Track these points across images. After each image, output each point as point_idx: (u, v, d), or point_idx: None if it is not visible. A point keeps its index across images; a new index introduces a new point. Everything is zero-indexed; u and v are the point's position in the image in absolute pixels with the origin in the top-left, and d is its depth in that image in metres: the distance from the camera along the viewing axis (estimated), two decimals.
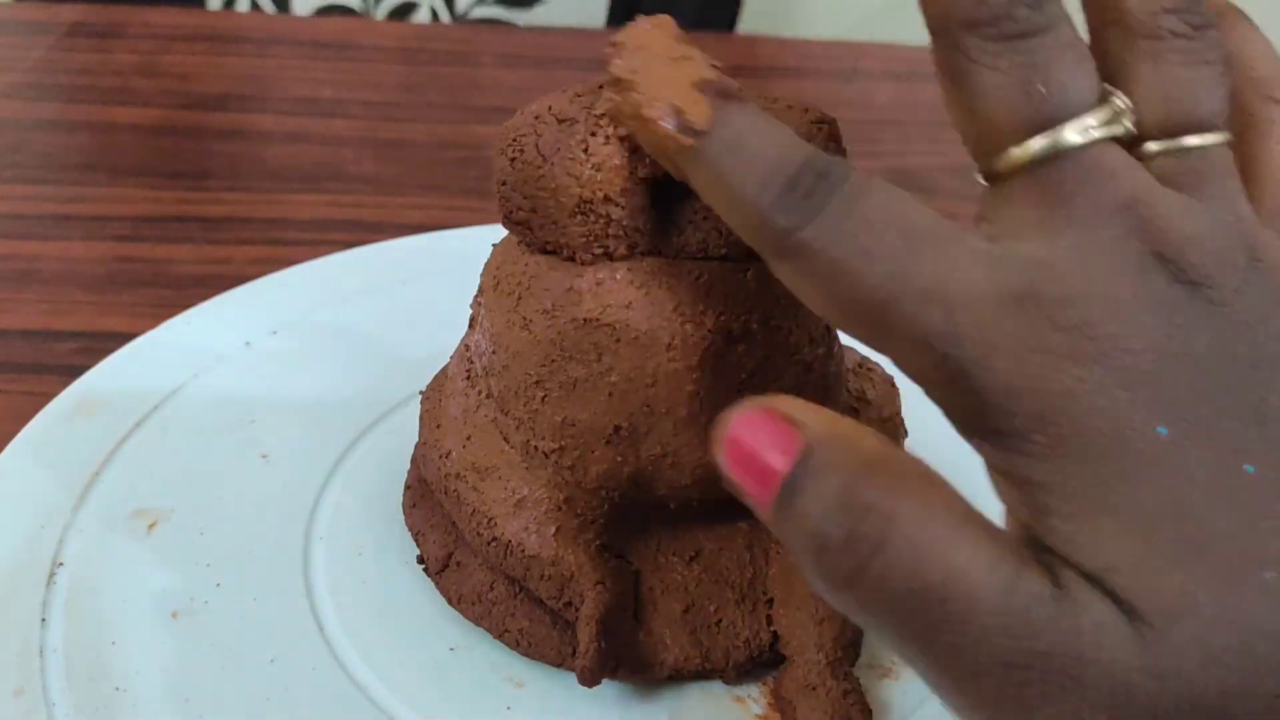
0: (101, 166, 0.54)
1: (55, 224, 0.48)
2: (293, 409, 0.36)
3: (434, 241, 0.45)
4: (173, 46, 0.66)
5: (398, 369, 0.37)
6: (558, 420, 0.27)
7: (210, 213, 0.50)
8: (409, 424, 0.32)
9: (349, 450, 0.34)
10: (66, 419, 0.34)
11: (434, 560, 0.30)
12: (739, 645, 0.28)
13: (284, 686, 0.27)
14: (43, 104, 0.59)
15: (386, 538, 0.31)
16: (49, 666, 0.27)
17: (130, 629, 0.28)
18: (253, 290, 0.41)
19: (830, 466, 0.19)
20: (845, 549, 0.18)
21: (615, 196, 0.25)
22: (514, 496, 0.28)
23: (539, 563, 0.27)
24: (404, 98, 0.63)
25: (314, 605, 0.29)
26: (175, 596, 0.29)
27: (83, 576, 0.29)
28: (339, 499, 0.33)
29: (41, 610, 0.28)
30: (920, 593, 0.18)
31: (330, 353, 0.38)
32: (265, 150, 0.57)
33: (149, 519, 0.31)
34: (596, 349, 0.26)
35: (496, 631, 0.29)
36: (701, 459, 0.27)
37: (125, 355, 0.37)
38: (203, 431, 0.34)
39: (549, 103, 0.26)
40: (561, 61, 0.69)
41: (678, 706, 0.28)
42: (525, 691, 0.28)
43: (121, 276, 0.45)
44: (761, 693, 0.28)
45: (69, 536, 0.30)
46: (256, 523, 0.31)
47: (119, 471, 0.32)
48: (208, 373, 0.36)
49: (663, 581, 0.29)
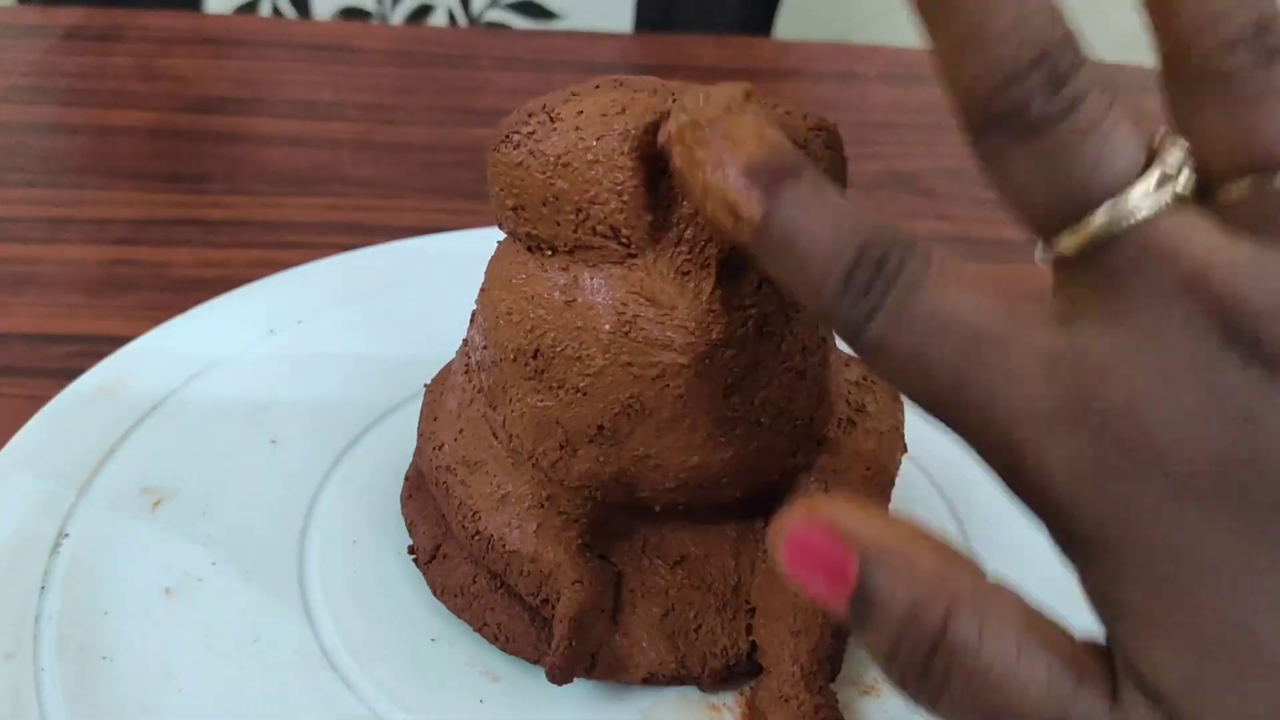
0: (99, 170, 0.54)
1: (53, 227, 0.48)
2: (297, 404, 0.36)
3: (432, 244, 0.45)
4: (170, 50, 0.66)
5: (398, 370, 0.37)
6: (541, 418, 0.27)
7: (208, 216, 0.50)
8: (412, 421, 0.32)
9: (353, 444, 0.35)
10: (88, 398, 0.35)
11: (423, 551, 0.30)
12: (716, 653, 0.28)
13: (265, 667, 0.28)
14: (40, 107, 0.59)
15: (382, 527, 0.32)
16: (43, 633, 0.28)
17: (123, 601, 0.29)
18: (250, 292, 0.41)
19: (889, 594, 0.19)
20: (916, 678, 0.19)
21: (605, 197, 0.25)
22: (499, 491, 0.28)
23: (519, 558, 0.27)
24: (402, 100, 0.63)
25: (304, 589, 0.30)
26: (171, 573, 0.30)
27: (85, 548, 0.30)
28: (342, 488, 0.33)
29: (42, 578, 0.29)
30: (987, 714, 0.18)
31: (330, 353, 0.38)
32: (263, 153, 0.57)
33: (155, 497, 0.32)
34: (581, 348, 0.26)
35: (476, 624, 0.29)
36: (686, 463, 0.27)
37: (139, 347, 0.38)
38: (215, 417, 0.35)
39: (544, 100, 0.26)
40: (560, 64, 0.69)
41: (651, 710, 0.28)
42: (500, 686, 0.28)
43: (119, 280, 0.45)
44: (737, 701, 0.28)
45: (77, 509, 0.31)
46: (258, 506, 0.32)
47: (132, 450, 0.33)
48: (210, 371, 0.37)
49: (644, 584, 0.29)
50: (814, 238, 0.20)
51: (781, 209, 0.20)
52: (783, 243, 0.20)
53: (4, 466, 0.32)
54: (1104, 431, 0.18)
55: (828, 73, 0.72)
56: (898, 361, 0.19)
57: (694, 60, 0.70)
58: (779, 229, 0.20)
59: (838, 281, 0.19)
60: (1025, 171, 0.18)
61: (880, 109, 0.67)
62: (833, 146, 0.26)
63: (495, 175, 0.26)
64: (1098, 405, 0.18)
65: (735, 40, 0.75)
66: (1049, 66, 0.18)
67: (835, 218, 0.20)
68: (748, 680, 0.28)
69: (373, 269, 0.43)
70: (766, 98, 0.27)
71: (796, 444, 0.28)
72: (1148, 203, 0.18)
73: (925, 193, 0.57)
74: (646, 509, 0.28)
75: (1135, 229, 0.18)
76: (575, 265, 0.26)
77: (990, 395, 0.18)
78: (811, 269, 0.20)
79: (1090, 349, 0.18)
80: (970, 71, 0.18)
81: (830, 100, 0.68)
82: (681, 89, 0.26)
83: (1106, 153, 0.18)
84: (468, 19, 0.77)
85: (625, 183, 0.25)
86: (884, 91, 0.69)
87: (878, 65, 0.72)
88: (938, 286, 0.19)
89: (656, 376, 0.25)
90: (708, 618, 0.28)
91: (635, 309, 0.25)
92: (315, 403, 0.36)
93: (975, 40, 0.18)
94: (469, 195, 0.54)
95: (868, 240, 0.19)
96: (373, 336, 0.39)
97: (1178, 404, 0.17)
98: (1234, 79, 0.18)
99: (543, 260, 0.26)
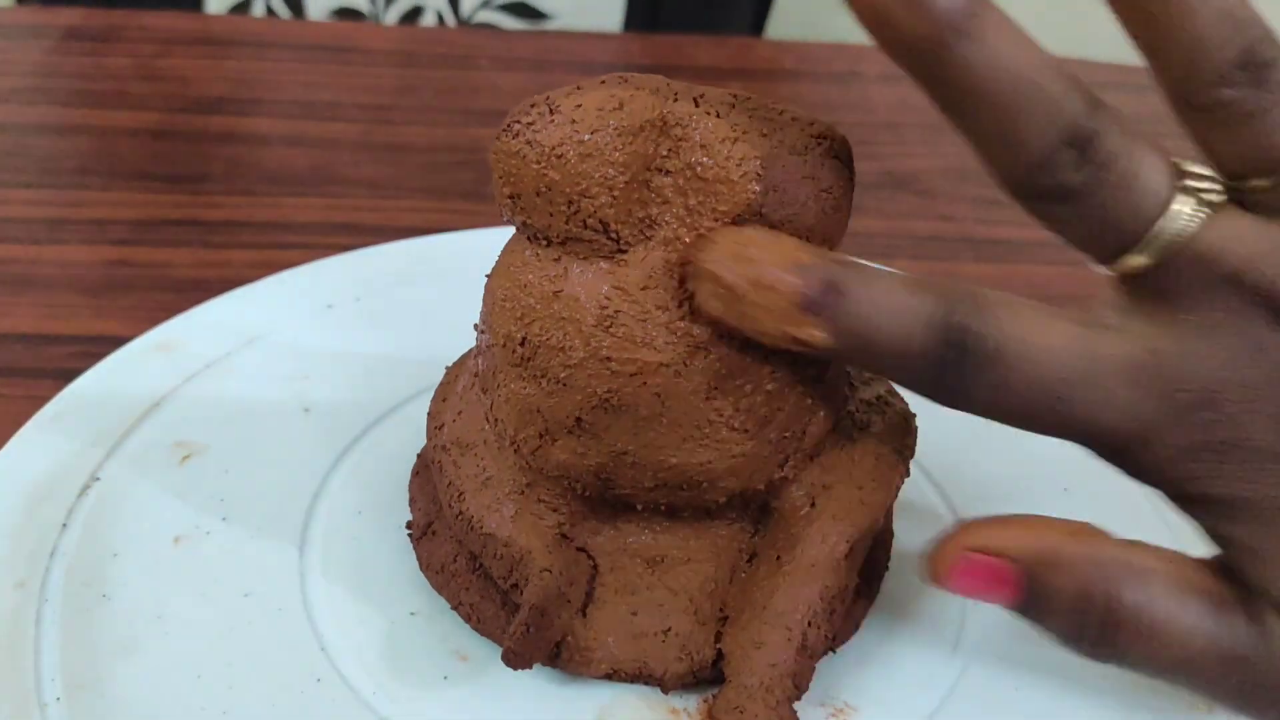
0: (99, 170, 0.54)
1: (52, 228, 0.48)
2: (333, 377, 0.37)
3: (432, 245, 0.45)
4: (170, 50, 0.66)
5: (398, 371, 0.37)
6: (524, 405, 0.27)
7: (208, 216, 0.50)
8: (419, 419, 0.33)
9: (378, 422, 0.36)
10: (142, 353, 0.37)
11: (417, 527, 0.31)
12: (680, 658, 0.28)
13: (249, 620, 0.29)
14: (40, 108, 0.59)
15: (388, 502, 0.33)
16: (54, 567, 0.29)
17: (134, 545, 0.30)
18: (248, 293, 0.41)
19: (1055, 589, 0.22)
20: (1101, 651, 0.23)
21: (596, 190, 0.25)
22: (484, 474, 0.29)
23: (494, 541, 0.28)
24: (401, 101, 0.63)
25: (302, 553, 0.31)
26: (183, 523, 0.31)
27: (111, 492, 0.32)
28: (361, 460, 0.34)
29: (65, 516, 0.31)
30: (1166, 665, 0.23)
31: (328, 354, 0.38)
32: (263, 154, 0.57)
33: (186, 451, 0.34)
34: (565, 339, 0.26)
35: (453, 602, 0.29)
36: (664, 462, 0.26)
37: (203, 313, 0.39)
38: (256, 382, 0.37)
39: (549, 94, 0.26)
40: (559, 65, 0.69)
41: (610, 706, 0.28)
42: (466, 666, 0.28)
43: (119, 280, 0.45)
44: (699, 708, 0.28)
45: (114, 455, 0.33)
46: (278, 469, 0.34)
47: (175, 405, 0.35)
48: (260, 341, 0.38)
49: (618, 581, 0.28)
50: (885, 333, 0.22)
51: (841, 322, 0.22)
52: (860, 348, 0.22)
53: (58, 409, 0.34)
54: (1195, 418, 0.21)
55: (827, 73, 0.72)
56: (1001, 415, 0.22)
57: (693, 60, 0.70)
58: (849, 339, 0.22)
59: (923, 371, 0.22)
60: (1073, 224, 0.21)
61: (880, 109, 0.67)
62: (840, 157, 0.26)
63: (495, 163, 0.26)
64: (1183, 398, 0.21)
65: (735, 40, 0.75)
66: (1077, 142, 0.20)
67: (895, 306, 0.22)
68: (713, 688, 0.28)
69: (373, 269, 0.43)
70: (768, 99, 0.27)
71: (785, 455, 0.27)
72: (1185, 218, 0.20)
73: (925, 193, 0.57)
74: (629, 506, 0.28)
75: (1181, 242, 0.20)
76: (567, 257, 0.26)
77: (1093, 419, 0.21)
78: (896, 361, 0.22)
79: (1164, 351, 0.21)
80: (1005, 160, 0.21)
81: (830, 100, 0.68)
82: (685, 89, 0.26)
83: (1140, 190, 0.20)
84: (456, 20, 0.77)
85: (616, 178, 0.25)
86: (884, 92, 0.69)
87: (878, 65, 0.72)
88: (1015, 351, 0.21)
89: (635, 373, 0.25)
90: (677, 621, 0.28)
91: (619, 304, 0.25)
92: (351, 381, 0.37)
93: (1005, 134, 0.20)
94: (469, 195, 0.54)
95: (938, 322, 0.21)
96: (418, 327, 0.39)
97: (1243, 383, 0.21)
98: (1234, 105, 0.20)
99: (538, 250, 0.27)
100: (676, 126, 0.25)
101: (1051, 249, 0.53)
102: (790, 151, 0.25)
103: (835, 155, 0.26)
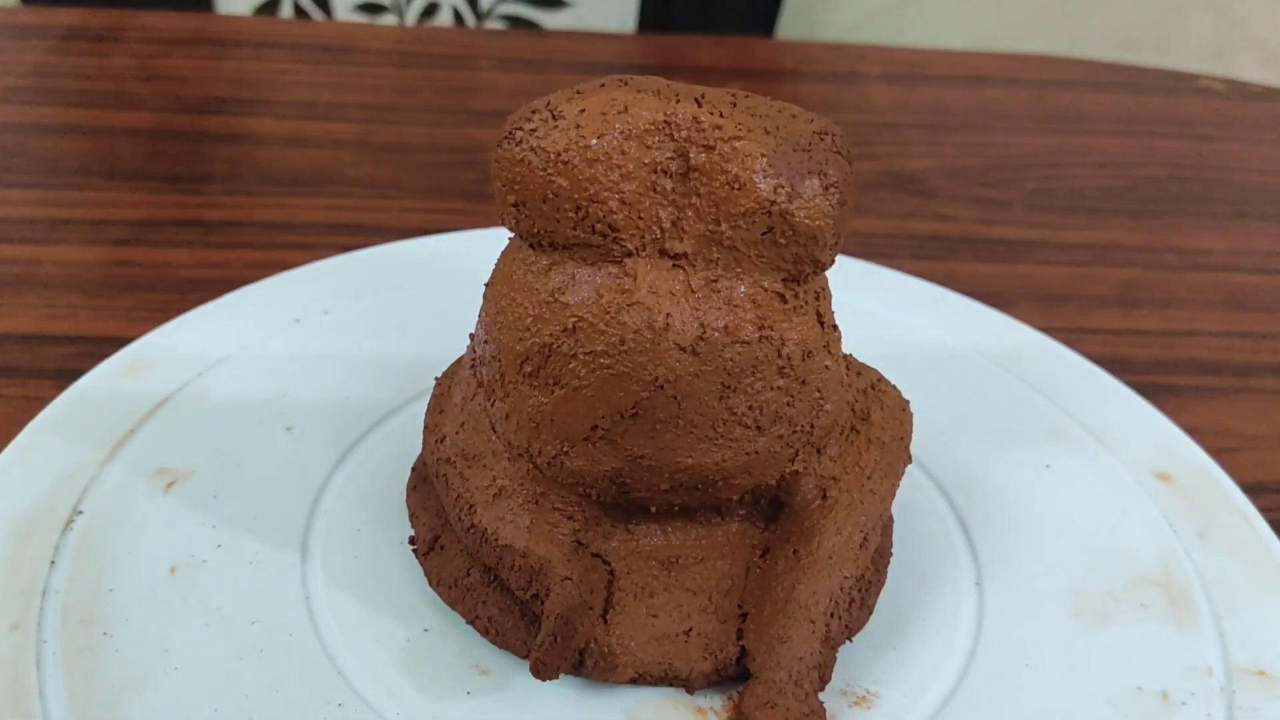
0: (99, 170, 0.54)
1: (52, 228, 0.48)
2: (314, 395, 0.37)
3: (432, 245, 0.45)
4: (170, 50, 0.66)
5: (415, 365, 0.37)
6: (537, 415, 0.27)
7: (208, 216, 0.50)
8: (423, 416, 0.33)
9: (365, 435, 0.35)
10: (114, 379, 0.36)
11: (422, 542, 0.31)
12: (705, 657, 0.28)
13: (260, 649, 0.28)
14: (40, 108, 0.59)
15: (386, 518, 0.32)
16: (48, 606, 0.28)
17: (128, 579, 0.29)
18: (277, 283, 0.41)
19: None
20: None
21: (604, 196, 0.25)
22: (495, 486, 0.28)
23: (511, 553, 0.27)
24: (401, 101, 0.63)
25: (305, 575, 0.30)
26: (177, 552, 0.30)
27: (97, 525, 0.31)
28: (352, 477, 0.34)
29: (53, 553, 0.30)
30: None
31: (350, 346, 0.38)
32: (263, 154, 0.57)
33: (170, 478, 0.33)
34: (578, 346, 0.26)
35: (469, 617, 0.29)
36: (680, 464, 0.26)
37: (164, 335, 0.38)
38: (234, 403, 0.36)
39: (549, 98, 0.26)
40: (559, 65, 0.69)
41: (637, 709, 0.28)
42: (489, 680, 0.28)
43: (119, 280, 0.45)
44: (725, 706, 0.28)
45: (94, 486, 0.32)
46: (268, 491, 0.33)
47: (152, 430, 0.34)
48: (231, 360, 0.37)
49: (636, 584, 0.28)
50: None
51: None
52: None
53: (28, 441, 0.33)
54: None
55: (828, 73, 0.72)
56: None
57: (694, 60, 0.70)
58: None
59: None
60: None
61: (880, 109, 0.67)
62: (839, 150, 0.26)
63: (497, 171, 0.26)
64: None
65: (735, 40, 0.75)
66: None
67: None
68: (736, 685, 0.28)
69: (373, 269, 0.43)
70: (769, 98, 0.27)
71: (795, 449, 0.28)
72: None
73: (925, 193, 0.57)
74: (642, 509, 0.28)
75: None
76: (574, 263, 0.26)
77: None
78: None
79: None
80: None
81: (830, 100, 0.68)
82: (686, 90, 0.26)
83: None
84: (475, 15, 0.78)
85: (623, 182, 0.25)
86: (884, 91, 0.69)
87: (878, 65, 0.72)
88: None
89: (652, 378, 0.25)
90: (698, 621, 0.28)
91: (631, 309, 0.25)
92: (332, 393, 0.37)
93: None
94: (469, 196, 0.54)
95: None
96: (394, 332, 0.39)
97: None
98: None
99: (543, 257, 0.26)
100: (681, 128, 0.25)
101: (1051, 249, 0.54)
102: (795, 148, 0.25)
103: (837, 150, 0.26)
